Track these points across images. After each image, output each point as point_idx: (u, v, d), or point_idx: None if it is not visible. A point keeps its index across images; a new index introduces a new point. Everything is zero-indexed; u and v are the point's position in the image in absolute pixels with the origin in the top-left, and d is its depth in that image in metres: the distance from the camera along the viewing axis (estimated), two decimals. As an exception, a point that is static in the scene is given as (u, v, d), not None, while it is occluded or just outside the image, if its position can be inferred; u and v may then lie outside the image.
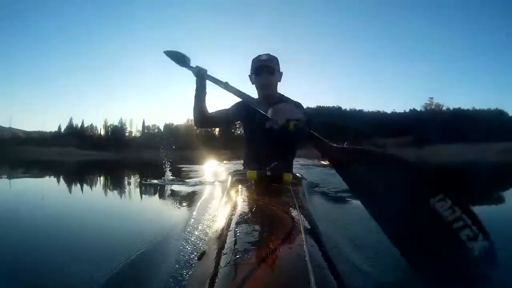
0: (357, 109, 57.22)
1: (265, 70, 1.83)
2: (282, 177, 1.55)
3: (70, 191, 4.48)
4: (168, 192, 3.30)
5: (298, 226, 0.92)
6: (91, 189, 4.68)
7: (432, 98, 48.50)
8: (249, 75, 1.93)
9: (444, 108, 48.36)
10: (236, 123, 2.19)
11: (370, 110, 56.91)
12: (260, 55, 1.87)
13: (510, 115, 48.47)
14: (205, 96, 1.95)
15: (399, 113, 54.17)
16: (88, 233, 1.94)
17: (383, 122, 49.43)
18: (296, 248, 0.78)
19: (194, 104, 1.94)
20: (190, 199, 2.81)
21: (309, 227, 1.01)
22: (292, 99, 2.01)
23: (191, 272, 1.12)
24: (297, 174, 1.99)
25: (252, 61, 1.88)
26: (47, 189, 4.58)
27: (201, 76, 1.90)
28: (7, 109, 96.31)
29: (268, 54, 1.88)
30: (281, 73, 1.92)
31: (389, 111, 56.05)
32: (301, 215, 1.01)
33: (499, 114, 47.09)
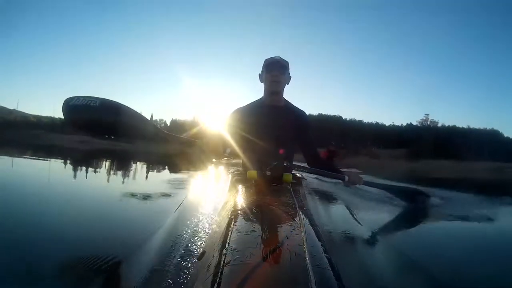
0: (357, 119, 57.01)
1: (277, 66, 1.85)
2: (282, 177, 1.54)
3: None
4: (168, 191, 3.26)
5: (298, 226, 0.91)
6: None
7: (427, 114, 48.21)
8: (259, 74, 1.95)
9: (439, 125, 48.23)
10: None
11: (369, 121, 56.75)
12: (273, 56, 1.89)
13: (505, 136, 48.38)
14: None
15: (397, 126, 54.05)
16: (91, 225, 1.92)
17: (380, 133, 49.39)
18: (296, 248, 0.77)
19: None
20: (189, 197, 2.79)
21: (309, 227, 0.99)
22: (297, 106, 2.00)
23: (191, 272, 1.11)
24: (297, 174, 1.97)
25: (265, 60, 1.90)
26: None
27: None
28: (14, 92, 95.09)
29: (280, 57, 1.90)
30: (290, 77, 1.94)
31: (387, 123, 55.74)
32: (301, 215, 1.00)
33: (494, 134, 46.89)
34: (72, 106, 1.83)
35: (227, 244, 0.83)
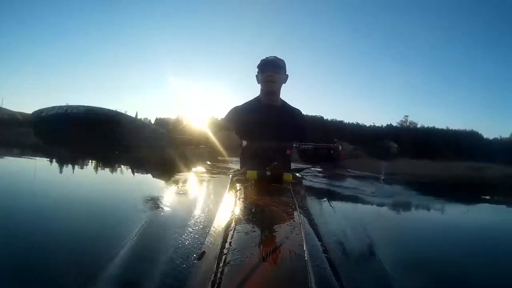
0: (338, 119, 57.52)
1: (272, 66, 1.81)
2: (282, 177, 1.52)
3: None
4: (168, 190, 3.21)
5: (298, 226, 0.90)
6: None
7: (407, 116, 49.30)
8: (256, 75, 1.90)
9: (418, 126, 49.14)
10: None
11: (350, 122, 57.42)
12: (268, 56, 1.85)
13: (485, 137, 49.43)
14: None
15: (377, 127, 54.88)
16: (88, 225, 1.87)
17: (361, 133, 50.01)
18: (296, 248, 0.76)
19: None
20: (189, 197, 2.76)
21: (309, 227, 0.99)
22: (292, 106, 1.99)
23: (191, 272, 1.09)
24: (297, 174, 1.96)
25: (261, 60, 1.85)
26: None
27: None
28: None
29: (276, 56, 1.86)
30: (287, 76, 1.90)
31: (367, 124, 56.47)
32: (301, 215, 0.99)
33: (473, 135, 47.69)
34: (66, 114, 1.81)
35: (227, 244, 0.82)
